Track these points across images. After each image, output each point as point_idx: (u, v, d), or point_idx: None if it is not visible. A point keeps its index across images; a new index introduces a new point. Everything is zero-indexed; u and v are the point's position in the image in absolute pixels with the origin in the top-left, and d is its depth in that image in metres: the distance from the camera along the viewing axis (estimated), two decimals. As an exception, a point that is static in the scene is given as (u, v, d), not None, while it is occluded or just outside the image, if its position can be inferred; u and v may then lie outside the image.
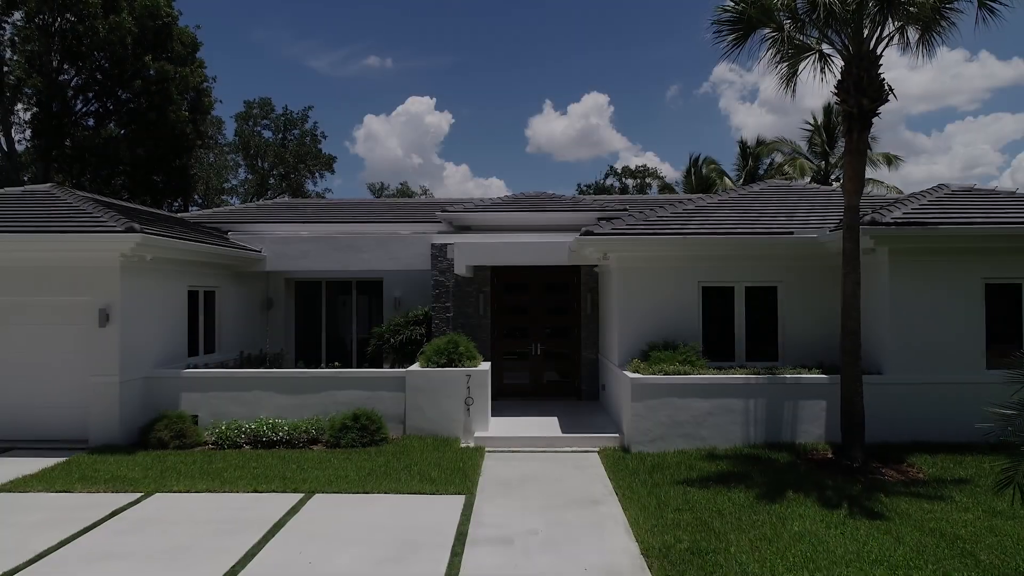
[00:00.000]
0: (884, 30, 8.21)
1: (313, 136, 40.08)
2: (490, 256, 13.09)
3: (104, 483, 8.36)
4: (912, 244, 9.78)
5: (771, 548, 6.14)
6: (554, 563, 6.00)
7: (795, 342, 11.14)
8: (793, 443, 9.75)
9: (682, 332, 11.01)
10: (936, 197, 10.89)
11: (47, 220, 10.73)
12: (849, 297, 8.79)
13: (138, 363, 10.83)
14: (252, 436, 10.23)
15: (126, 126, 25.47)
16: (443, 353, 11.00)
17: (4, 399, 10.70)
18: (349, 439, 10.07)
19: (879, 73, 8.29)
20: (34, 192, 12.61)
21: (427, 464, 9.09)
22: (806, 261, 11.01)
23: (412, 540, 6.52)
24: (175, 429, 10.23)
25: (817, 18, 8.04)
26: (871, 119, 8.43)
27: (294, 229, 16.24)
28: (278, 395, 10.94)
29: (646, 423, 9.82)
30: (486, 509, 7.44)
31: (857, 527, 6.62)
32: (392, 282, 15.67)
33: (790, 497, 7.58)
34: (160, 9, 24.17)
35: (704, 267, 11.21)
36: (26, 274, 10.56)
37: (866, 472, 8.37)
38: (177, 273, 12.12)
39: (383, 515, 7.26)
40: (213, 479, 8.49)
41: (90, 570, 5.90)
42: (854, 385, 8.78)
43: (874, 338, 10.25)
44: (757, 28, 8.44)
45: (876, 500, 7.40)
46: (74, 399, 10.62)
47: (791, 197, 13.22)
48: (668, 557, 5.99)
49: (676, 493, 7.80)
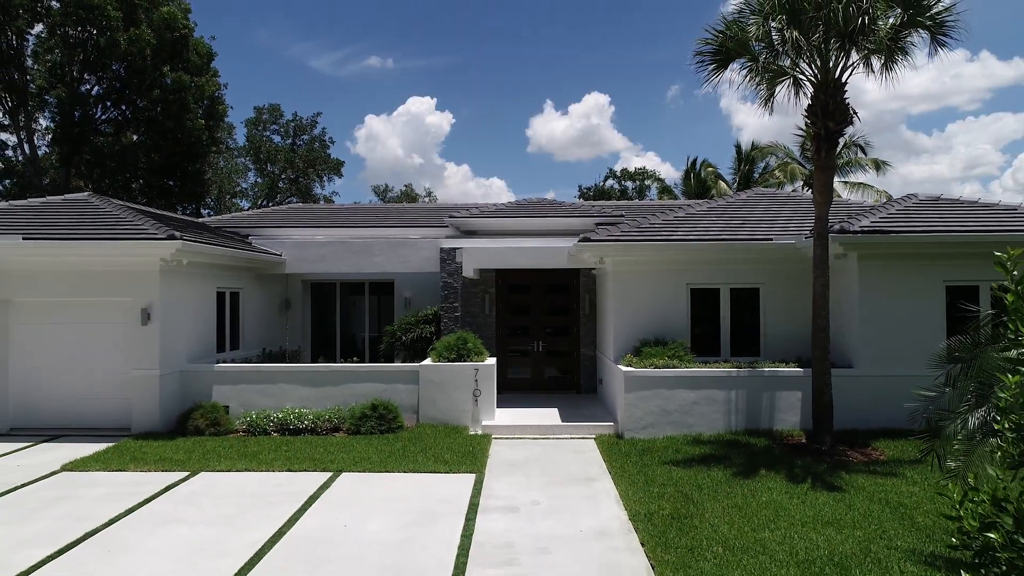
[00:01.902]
0: (848, 60, 9.21)
1: (322, 141, 41.31)
2: (496, 260, 14.10)
3: (154, 463, 9.39)
4: (878, 250, 10.78)
5: (740, 514, 7.15)
6: (554, 527, 7.01)
7: (775, 339, 12.15)
8: (771, 430, 10.77)
9: (672, 330, 12.02)
10: (904, 206, 11.89)
11: (93, 227, 11.74)
12: (819, 298, 9.80)
13: (175, 358, 11.86)
14: (280, 424, 11.25)
15: (144, 133, 26.54)
16: (453, 349, 12.00)
17: (54, 391, 11.74)
18: (368, 427, 11.09)
19: (844, 99, 9.30)
20: (74, 201, 13.64)
21: (440, 448, 10.10)
22: (785, 265, 12.01)
23: (431, 509, 7.53)
24: (210, 418, 11.26)
25: (788, 49, 9.04)
26: (837, 139, 9.44)
27: (310, 233, 17.27)
28: (302, 387, 11.96)
29: (638, 412, 10.83)
30: (494, 485, 8.45)
31: (817, 497, 7.64)
32: (403, 283, 16.68)
33: (762, 474, 8.59)
34: (177, 21, 25.25)
35: (692, 270, 12.22)
36: (72, 277, 11.57)
37: (833, 454, 9.38)
38: (207, 276, 13.14)
39: (404, 490, 8.28)
40: (250, 460, 9.52)
41: (158, 532, 6.91)
42: (823, 377, 9.78)
43: (846, 335, 11.26)
44: (735, 58, 9.46)
45: (837, 476, 8.42)
46: (117, 391, 11.65)
47: (775, 205, 14.22)
48: (652, 521, 7.00)
49: (662, 472, 8.81)
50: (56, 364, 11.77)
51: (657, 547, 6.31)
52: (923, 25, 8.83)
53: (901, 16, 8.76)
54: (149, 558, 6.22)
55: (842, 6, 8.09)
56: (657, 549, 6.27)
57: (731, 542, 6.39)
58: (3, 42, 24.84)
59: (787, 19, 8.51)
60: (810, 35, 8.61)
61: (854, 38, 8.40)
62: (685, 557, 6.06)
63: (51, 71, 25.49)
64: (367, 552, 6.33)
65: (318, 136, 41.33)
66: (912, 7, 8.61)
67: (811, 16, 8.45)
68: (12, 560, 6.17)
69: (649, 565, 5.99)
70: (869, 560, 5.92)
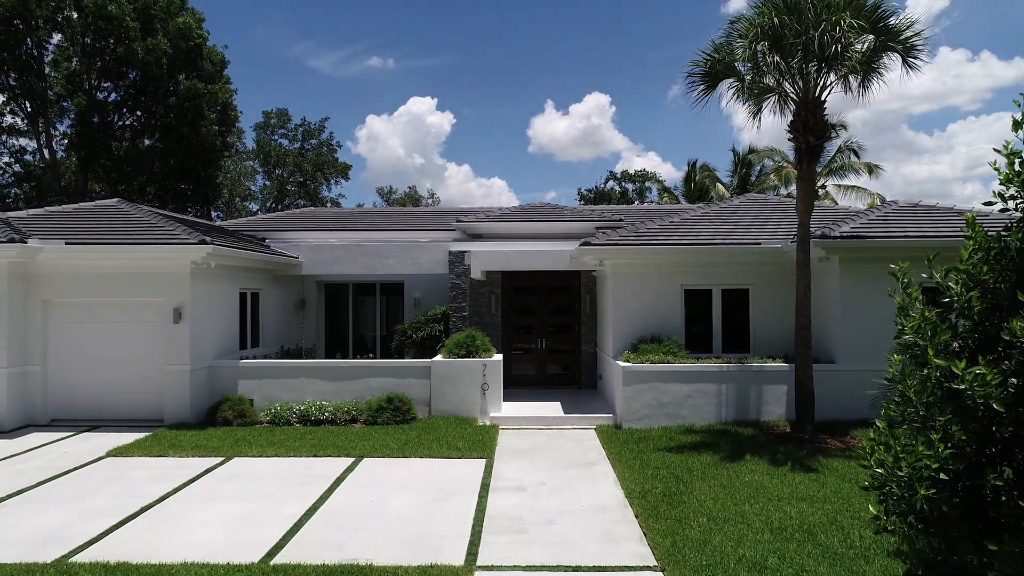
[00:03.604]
0: (827, 80, 10.05)
1: (329, 146, 42.34)
2: (502, 262, 14.96)
3: (190, 449, 10.25)
4: (857, 254, 11.61)
5: (725, 491, 8.00)
6: (558, 503, 7.85)
7: (764, 336, 12.99)
8: (758, 420, 11.62)
9: (667, 328, 12.87)
10: (884, 212, 12.73)
11: (128, 233, 12.60)
12: (801, 298, 10.64)
13: (203, 354, 12.71)
14: (302, 415, 12.10)
15: (160, 139, 27.46)
16: (462, 346, 12.86)
17: (91, 385, 12.60)
18: (384, 418, 11.95)
19: (823, 115, 10.14)
20: (105, 207, 14.51)
21: (452, 437, 10.95)
22: (773, 267, 12.85)
23: (447, 488, 8.38)
24: (237, 409, 12.12)
25: (771, 70, 9.89)
26: (817, 153, 10.28)
27: (323, 236, 18.15)
28: (321, 382, 12.80)
29: (635, 404, 11.67)
30: (503, 469, 9.30)
31: (794, 478, 8.49)
32: (413, 284, 17.56)
33: (747, 459, 9.44)
34: (192, 31, 26.16)
35: (686, 272, 13.06)
36: (108, 278, 12.43)
37: (814, 442, 10.22)
38: (232, 277, 14.01)
39: (422, 472, 9.13)
40: (278, 447, 10.37)
41: (205, 507, 7.77)
42: (806, 371, 10.63)
43: (828, 332, 12.10)
44: (723, 79, 10.31)
45: (815, 460, 9.26)
46: (150, 385, 12.51)
47: (765, 210, 15.06)
48: (645, 498, 7.84)
49: (656, 457, 9.66)
50: (93, 360, 12.63)
51: (649, 518, 7.15)
52: (894, 49, 9.66)
53: (874, 41, 9.59)
54: (201, 528, 7.07)
55: (818, 34, 8.93)
56: (649, 520, 7.11)
57: (715, 514, 7.24)
58: (24, 51, 25.73)
59: (769, 45, 9.35)
60: (790, 59, 9.46)
61: (831, 62, 9.25)
62: (673, 526, 6.91)
63: (69, 78, 26.39)
64: (393, 522, 7.18)
65: (325, 140, 42.42)
66: (883, 33, 9.45)
67: (791, 42, 9.29)
68: (84, 529, 7.03)
69: (642, 533, 6.84)
70: (834, 527, 6.77)
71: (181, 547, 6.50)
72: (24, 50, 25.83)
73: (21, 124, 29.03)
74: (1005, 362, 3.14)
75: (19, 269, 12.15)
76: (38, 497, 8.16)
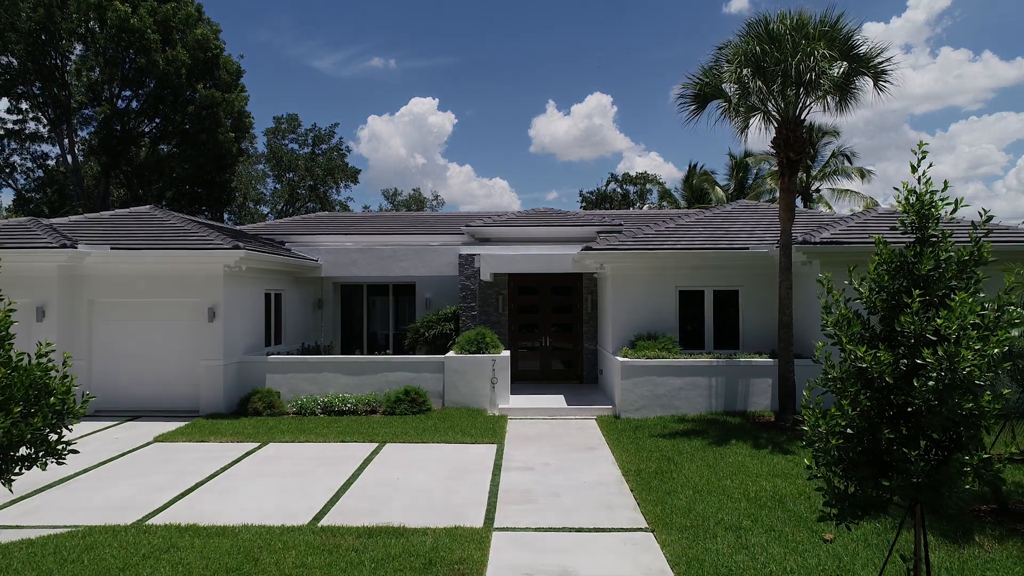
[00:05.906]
0: (806, 101, 11.09)
1: (339, 151, 43.55)
2: (509, 265, 16.01)
3: (229, 436, 11.32)
4: (836, 257, 12.62)
5: (710, 470, 9.05)
6: (563, 479, 8.90)
7: (752, 334, 14.03)
8: (745, 411, 12.66)
9: (663, 326, 13.91)
10: (864, 219, 13.75)
11: (166, 238, 13.67)
12: (783, 299, 11.67)
13: (234, 350, 13.79)
14: (326, 407, 13.17)
15: (178, 145, 28.58)
16: (473, 342, 13.91)
17: (131, 378, 13.68)
18: (402, 408, 13.01)
19: (802, 133, 11.18)
20: (139, 213, 15.59)
21: (465, 425, 12.00)
22: (760, 270, 13.88)
23: (464, 468, 9.43)
24: (266, 401, 13.19)
25: (755, 92, 10.93)
26: (798, 167, 11.31)
27: (340, 240, 19.22)
28: (342, 376, 13.86)
29: (632, 396, 12.72)
30: (513, 452, 10.35)
31: (773, 458, 9.53)
32: (424, 285, 18.62)
33: (732, 443, 10.48)
34: (210, 42, 27.27)
35: (681, 274, 14.10)
36: (147, 280, 13.50)
37: (794, 429, 11.26)
38: (258, 279, 15.08)
39: (440, 454, 10.18)
40: (308, 434, 11.43)
41: (252, 482, 8.82)
42: (787, 365, 11.66)
43: (812, 330, 13.12)
44: (711, 100, 11.36)
45: (793, 444, 10.30)
46: (185, 378, 13.59)
47: (755, 216, 16.10)
48: (639, 475, 8.89)
49: (651, 442, 10.71)
50: (133, 355, 13.71)
51: (642, 491, 8.20)
52: (866, 73, 10.69)
53: (847, 67, 10.63)
54: (252, 499, 8.12)
55: (795, 62, 9.97)
56: (642, 492, 8.16)
57: (700, 487, 8.29)
58: (48, 62, 26.85)
59: (752, 71, 10.39)
60: (771, 84, 10.50)
61: (808, 87, 10.29)
62: (663, 497, 7.95)
63: (90, 87, 27.51)
64: (419, 494, 8.24)
65: (335, 146, 43.69)
66: (855, 60, 10.48)
67: (772, 69, 10.33)
68: (150, 499, 8.10)
69: (635, 503, 7.89)
70: (802, 497, 7.81)
71: (239, 512, 7.57)
72: (48, 60, 26.95)
73: (44, 131, 30.18)
74: (901, 347, 4.20)
75: (68, 272, 13.24)
76: (104, 475, 9.23)
